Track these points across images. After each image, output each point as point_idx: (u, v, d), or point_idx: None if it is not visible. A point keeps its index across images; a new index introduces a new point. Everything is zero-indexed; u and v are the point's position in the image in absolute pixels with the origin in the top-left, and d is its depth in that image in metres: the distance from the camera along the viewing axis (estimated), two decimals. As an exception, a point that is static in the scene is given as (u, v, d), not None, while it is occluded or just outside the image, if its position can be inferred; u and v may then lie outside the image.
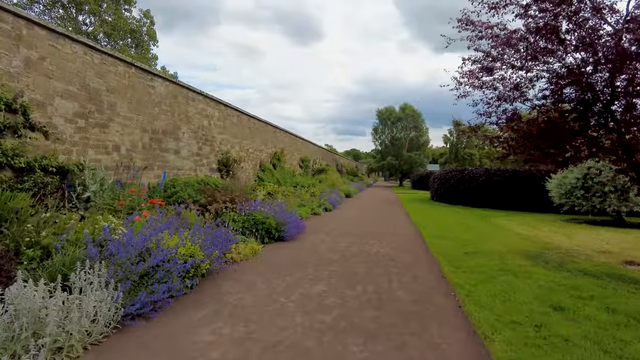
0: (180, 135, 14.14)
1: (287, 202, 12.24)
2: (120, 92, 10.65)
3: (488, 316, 3.99)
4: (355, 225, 11.06)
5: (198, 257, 4.89)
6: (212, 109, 16.70)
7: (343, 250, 7.52)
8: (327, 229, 10.22)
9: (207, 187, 9.21)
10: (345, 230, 10.16)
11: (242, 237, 7.32)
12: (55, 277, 3.28)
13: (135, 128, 11.44)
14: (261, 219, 8.08)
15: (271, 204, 9.84)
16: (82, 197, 7.87)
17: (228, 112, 18.05)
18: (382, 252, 7.45)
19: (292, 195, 13.57)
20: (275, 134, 25.29)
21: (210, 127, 16.51)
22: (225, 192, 8.91)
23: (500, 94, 6.79)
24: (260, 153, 22.25)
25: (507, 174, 16.36)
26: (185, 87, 14.43)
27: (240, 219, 7.96)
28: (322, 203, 15.09)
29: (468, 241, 8.48)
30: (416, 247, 7.98)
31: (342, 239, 8.85)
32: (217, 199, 8.24)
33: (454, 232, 9.70)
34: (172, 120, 13.50)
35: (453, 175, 18.80)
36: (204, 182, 11.24)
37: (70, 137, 8.85)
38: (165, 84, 13.09)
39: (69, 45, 8.75)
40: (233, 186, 11.53)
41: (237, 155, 18.71)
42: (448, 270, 5.99)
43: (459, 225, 11.11)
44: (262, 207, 8.92)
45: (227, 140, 17.95)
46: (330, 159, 46.97)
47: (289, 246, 7.88)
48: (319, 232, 9.71)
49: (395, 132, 50.41)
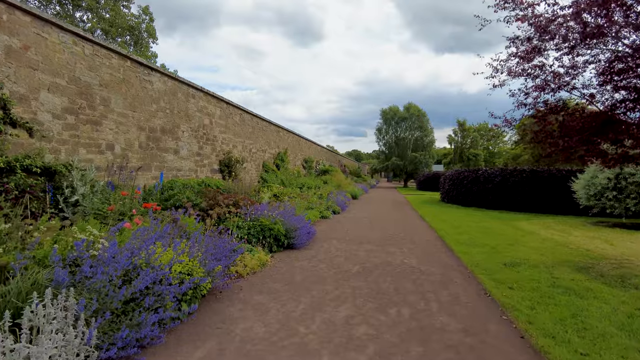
0: (180, 134, 13.31)
1: (294, 204, 11.38)
2: (114, 87, 9.83)
3: (569, 356, 3.10)
4: (369, 230, 10.18)
5: (197, 275, 4.02)
6: (214, 106, 15.88)
7: (363, 261, 6.64)
8: (340, 235, 9.35)
9: (208, 189, 8.36)
10: (360, 235, 9.28)
11: (248, 246, 6.45)
12: (2, 312, 2.41)
13: (131, 126, 10.61)
14: (269, 224, 7.21)
15: (278, 207, 8.98)
16: (70, 201, 7.02)
17: (230, 110, 17.22)
18: (408, 262, 6.57)
19: (299, 198, 12.70)
20: (278, 134, 24.46)
21: (212, 125, 15.69)
22: (229, 195, 8.05)
23: (543, 81, 5.91)
24: (264, 153, 21.40)
25: (524, 174, 15.46)
26: (185, 83, 13.60)
27: (245, 225, 7.09)
28: (330, 205, 14.23)
29: (497, 248, 7.59)
30: (444, 256, 7.09)
31: (359, 246, 7.96)
32: (220, 203, 7.38)
33: (479, 238, 8.81)
34: (170, 118, 12.67)
35: (466, 176, 17.89)
36: (205, 183, 10.39)
37: (59, 135, 8.02)
38: (164, 80, 12.26)
39: (57, 34, 7.92)
40: (236, 188, 10.66)
41: (239, 155, 17.89)
42: (490, 285, 5.10)
43: (480, 229, 10.23)
44: (269, 211, 8.06)
45: (229, 139, 17.12)
46: (334, 160, 46.10)
47: (301, 255, 7.00)
48: (331, 238, 8.83)
49: (400, 132, 49.44)
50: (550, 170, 14.96)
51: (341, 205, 15.59)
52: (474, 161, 54.75)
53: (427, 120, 48.68)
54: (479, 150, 56.86)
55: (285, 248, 7.46)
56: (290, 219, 7.99)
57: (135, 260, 3.76)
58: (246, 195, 9.61)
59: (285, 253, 7.19)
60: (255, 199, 9.46)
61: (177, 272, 3.89)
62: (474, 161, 54.75)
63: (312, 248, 7.70)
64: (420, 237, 9.18)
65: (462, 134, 57.75)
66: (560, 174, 14.59)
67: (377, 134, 50.98)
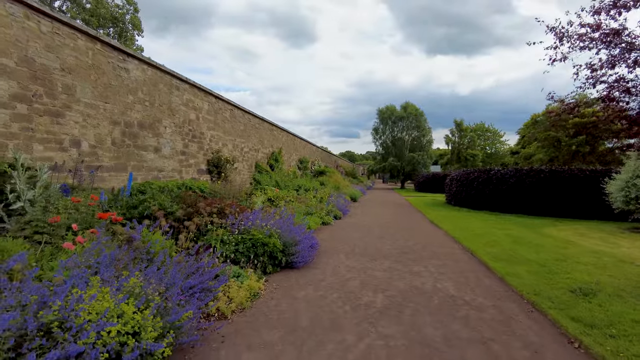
0: (162, 130, 11.76)
1: (292, 210, 9.86)
2: (81, 73, 8.28)
3: None
4: (379, 240, 8.68)
5: (149, 335, 2.50)
6: (201, 100, 14.33)
7: (384, 286, 5.12)
8: (347, 246, 7.83)
9: (188, 193, 6.80)
10: (371, 247, 7.78)
11: (235, 269, 4.89)
12: None
13: (103, 119, 9.06)
14: (262, 238, 5.66)
15: (274, 214, 7.45)
16: (14, 209, 5.45)
17: (219, 105, 15.66)
18: (443, 288, 5.07)
19: (296, 201, 11.19)
20: (272, 132, 22.93)
21: (199, 121, 14.14)
22: (213, 200, 6.51)
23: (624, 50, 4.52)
24: (256, 153, 19.86)
25: (542, 174, 14.07)
26: (168, 73, 12.05)
27: (232, 240, 5.54)
28: (331, 210, 12.72)
29: (548, 266, 6.12)
30: (484, 278, 5.60)
31: (373, 263, 6.44)
32: (201, 211, 5.85)
33: (514, 250, 7.35)
34: (151, 112, 11.12)
35: (477, 177, 16.47)
36: (187, 186, 8.83)
37: (5, 127, 6.43)
38: (142, 68, 10.71)
39: (2, 4, 6.34)
40: (224, 191, 9.10)
41: (229, 154, 16.34)
42: (576, 330, 3.61)
43: (508, 238, 8.78)
44: (263, 219, 6.54)
45: (218, 137, 15.57)
46: (329, 161, 44.64)
47: (304, 278, 5.46)
48: (338, 251, 7.31)
49: (397, 132, 48.03)
50: (572, 170, 13.59)
51: (342, 209, 14.09)
52: (472, 161, 53.58)
53: (424, 119, 47.39)
54: (476, 151, 55.76)
55: (283, 267, 5.93)
56: (289, 230, 6.47)
57: (42, 315, 2.23)
58: (235, 201, 8.07)
59: (284, 274, 5.65)
60: (246, 204, 7.94)
61: (114, 334, 2.36)
62: (472, 161, 53.58)
63: (316, 266, 6.17)
64: (443, 250, 7.69)
65: (460, 134, 56.56)
66: (584, 174, 13.22)
67: (373, 133, 49.58)
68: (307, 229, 8.55)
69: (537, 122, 23.73)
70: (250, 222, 6.17)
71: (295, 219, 8.43)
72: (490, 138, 60.15)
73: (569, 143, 21.32)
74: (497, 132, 59.75)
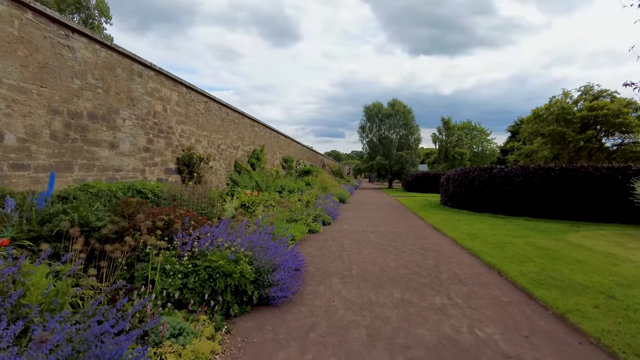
0: (119, 122, 9.95)
1: (272, 215, 8.17)
2: (3, 47, 6.48)
3: None
4: (380, 253, 7.05)
5: None
6: (169, 90, 12.50)
7: (403, 339, 3.43)
8: (342, 264, 6.16)
9: (130, 200, 5.03)
10: (371, 265, 6.13)
11: (175, 321, 3.17)
12: None
13: (37, 107, 7.25)
14: (224, 265, 3.93)
15: (247, 225, 5.76)
16: None
17: (192, 96, 13.83)
18: (486, 339, 3.44)
19: (278, 205, 9.49)
20: (253, 129, 21.13)
21: (166, 114, 12.31)
22: (160, 210, 4.77)
23: None
24: (236, 150, 18.05)
25: (552, 172, 12.68)
26: (129, 57, 10.25)
27: (179, 269, 3.80)
28: (319, 214, 11.06)
29: (615, 294, 4.58)
30: (538, 317, 3.99)
31: (379, 293, 4.76)
32: (139, 225, 4.12)
33: (554, 269, 5.82)
34: (105, 101, 9.31)
35: (477, 176, 15.01)
36: (135, 189, 7.05)
37: None
38: (94, 48, 8.90)
39: None
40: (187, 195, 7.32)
41: (204, 152, 14.53)
42: None
43: (536, 250, 7.27)
44: (231, 234, 4.86)
45: (190, 132, 13.76)
46: (315, 160, 43.00)
47: (284, 327, 3.72)
48: (330, 274, 5.63)
49: (384, 129, 46.60)
50: (586, 168, 12.22)
51: (331, 213, 12.44)
52: (460, 160, 52.65)
53: (412, 117, 46.10)
54: (464, 149, 54.87)
55: (256, 304, 4.22)
56: (265, 248, 4.79)
57: None
58: (198, 208, 6.32)
59: (256, 318, 3.92)
60: (212, 212, 6.21)
61: None
62: (460, 160, 52.65)
63: (302, 301, 4.46)
64: (463, 269, 6.10)
65: (447, 132, 55.55)
66: (599, 172, 11.86)
67: (360, 131, 48.06)
68: (291, 241, 6.86)
69: (539, 116, 22.45)
70: (213, 239, 4.46)
71: (276, 229, 6.74)
72: (477, 136, 59.50)
73: (576, 139, 20.05)
74: (484, 131, 59.14)
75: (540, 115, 22.46)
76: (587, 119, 19.60)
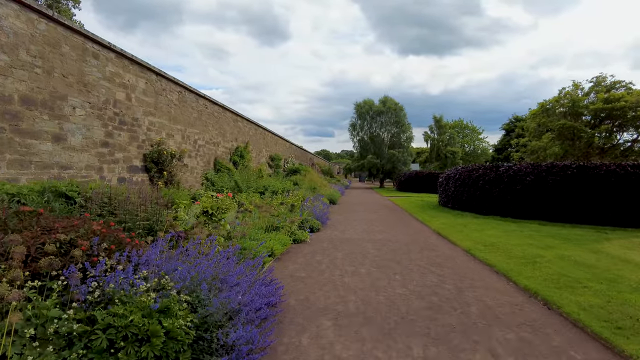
0: (68, 110, 8.30)
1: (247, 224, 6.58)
2: None
3: None
4: (383, 274, 5.53)
5: None
6: (134, 76, 10.83)
7: None
8: (333, 292, 4.59)
9: (22, 210, 3.40)
10: (374, 293, 4.59)
11: None
12: None
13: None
14: (138, 322, 2.33)
15: (202, 242, 4.18)
16: None
17: (162, 85, 12.15)
18: None
19: (258, 210, 7.91)
20: (236, 124, 19.46)
21: (131, 103, 10.63)
22: (64, 224, 3.16)
23: None
24: (216, 147, 16.38)
25: (568, 171, 11.30)
26: (80, 33, 8.63)
27: (59, 331, 2.20)
28: (306, 219, 9.50)
29: None
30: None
31: (392, 350, 3.19)
32: (11, 252, 2.53)
33: (622, 299, 4.36)
34: (47, 84, 7.65)
35: (482, 174, 13.58)
36: (60, 192, 5.40)
37: None
38: (29, 17, 7.28)
39: None
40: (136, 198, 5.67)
41: (177, 147, 12.87)
42: None
43: (574, 267, 5.82)
44: (174, 258, 3.30)
45: (160, 125, 12.08)
46: (304, 159, 41.42)
47: None
48: (318, 313, 4.03)
49: (375, 127, 45.10)
50: (608, 166, 10.86)
51: (320, 217, 10.87)
52: (452, 159, 51.54)
53: (404, 114, 44.69)
54: (456, 148, 53.81)
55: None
56: (221, 280, 3.23)
57: None
58: (114, 225, 4.70)
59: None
60: (159, 224, 4.60)
61: None
62: (452, 159, 51.54)
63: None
64: (498, 299, 4.58)
65: (439, 131, 54.37)
66: (624, 170, 10.51)
67: (350, 129, 46.47)
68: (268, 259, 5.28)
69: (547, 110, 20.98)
70: (121, 277, 2.87)
71: (247, 244, 5.16)
72: (468, 135, 58.64)
73: (591, 134, 18.63)
74: (475, 129, 58.29)
75: (548, 108, 21.07)
76: (602, 112, 18.27)
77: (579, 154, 19.46)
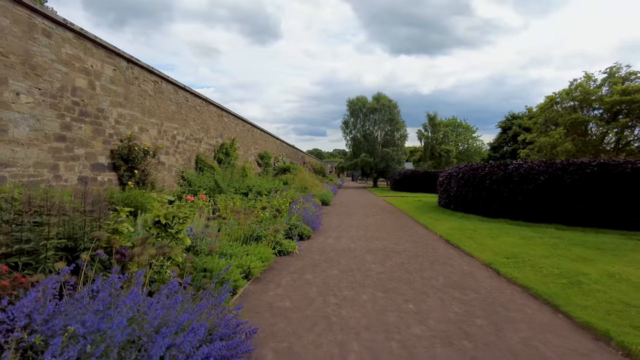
0: (9, 96, 6.94)
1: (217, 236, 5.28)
2: None
3: None
4: (391, 303, 4.27)
5: None
6: (99, 61, 9.44)
7: None
8: (328, 337, 3.29)
9: None
10: (382, 336, 3.29)
11: None
12: None
13: None
14: None
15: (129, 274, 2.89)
16: None
17: (135, 72, 10.75)
18: None
19: (233, 216, 6.60)
20: (221, 119, 18.07)
21: (95, 92, 9.22)
22: None
23: None
24: (198, 144, 15.00)
25: (587, 169, 10.16)
26: (23, 4, 7.22)
27: None
28: (295, 225, 8.22)
29: None
30: None
31: None
32: None
33: None
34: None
35: (489, 173, 12.39)
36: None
37: None
38: None
39: None
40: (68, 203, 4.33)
41: (152, 143, 11.49)
42: None
43: (635, 289, 4.63)
44: (76, 306, 2.04)
45: (132, 118, 10.69)
46: (296, 157, 40.10)
47: None
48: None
49: (368, 125, 43.88)
50: (634, 163, 9.71)
51: (311, 221, 9.59)
52: (446, 157, 50.54)
53: (398, 112, 43.56)
54: (450, 147, 52.82)
55: None
56: (148, 340, 1.97)
57: None
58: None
59: None
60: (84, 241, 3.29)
61: None
62: (446, 157, 50.54)
63: None
64: (554, 344, 3.33)
65: (433, 129, 53.34)
66: (653, 168, 9.37)
67: (343, 127, 45.19)
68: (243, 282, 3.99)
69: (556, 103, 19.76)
70: None
71: (210, 265, 3.87)
72: (462, 134, 57.77)
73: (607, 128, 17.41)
74: (469, 127, 57.41)
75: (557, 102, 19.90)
76: (618, 105, 17.08)
77: (592, 151, 18.30)
